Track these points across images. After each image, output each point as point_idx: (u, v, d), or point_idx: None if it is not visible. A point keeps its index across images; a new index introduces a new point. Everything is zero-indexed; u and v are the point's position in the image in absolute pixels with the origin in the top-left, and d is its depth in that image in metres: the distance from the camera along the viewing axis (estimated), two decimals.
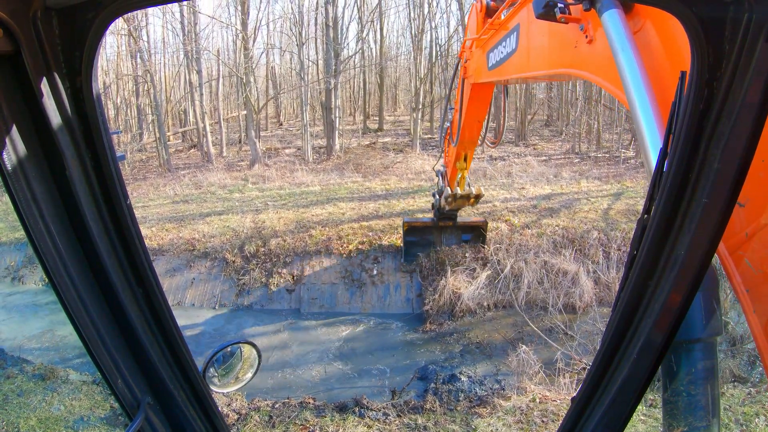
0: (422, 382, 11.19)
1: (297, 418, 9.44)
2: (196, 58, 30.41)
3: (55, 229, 1.85)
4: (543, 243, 15.98)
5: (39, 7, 1.61)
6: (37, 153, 1.77)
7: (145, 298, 2.19)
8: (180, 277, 16.55)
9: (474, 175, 23.37)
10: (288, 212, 19.42)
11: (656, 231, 1.98)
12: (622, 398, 2.28)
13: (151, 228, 18.84)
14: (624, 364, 2.24)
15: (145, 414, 2.22)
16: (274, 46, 41.94)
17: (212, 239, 17.60)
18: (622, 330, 2.22)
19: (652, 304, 2.07)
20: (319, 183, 23.63)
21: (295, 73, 40.01)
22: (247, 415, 9.62)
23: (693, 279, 1.95)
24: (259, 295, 15.74)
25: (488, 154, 27.44)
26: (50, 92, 1.72)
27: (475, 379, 10.96)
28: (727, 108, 1.70)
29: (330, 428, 9.14)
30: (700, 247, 1.88)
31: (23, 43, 1.58)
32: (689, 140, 1.80)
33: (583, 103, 29.97)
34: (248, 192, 23.08)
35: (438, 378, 11.04)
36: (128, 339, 2.18)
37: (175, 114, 39.97)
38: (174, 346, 2.34)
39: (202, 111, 30.64)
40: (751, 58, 1.59)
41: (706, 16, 1.65)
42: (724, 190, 1.76)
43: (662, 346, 2.11)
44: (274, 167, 26.91)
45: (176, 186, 24.76)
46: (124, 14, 1.86)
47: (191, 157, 32.60)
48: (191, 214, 20.27)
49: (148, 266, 2.15)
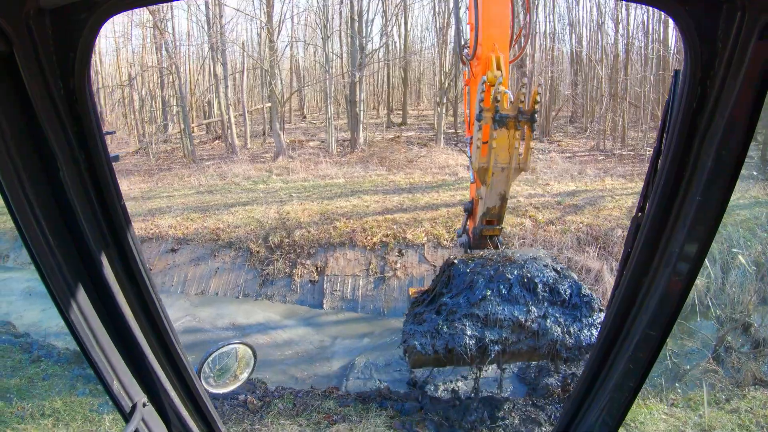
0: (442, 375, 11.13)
1: (320, 407, 9.49)
2: (221, 50, 30.53)
3: (49, 230, 1.84)
4: (567, 240, 15.85)
5: (32, 8, 1.60)
6: (31, 154, 1.76)
7: (139, 300, 2.20)
8: (204, 267, 16.70)
9: None
10: (312, 204, 19.49)
11: (650, 229, 2.02)
12: (618, 394, 2.33)
13: (176, 218, 19.05)
14: (620, 360, 2.28)
15: (141, 415, 2.24)
16: (298, 39, 42.03)
17: (237, 229, 17.73)
18: (618, 327, 2.27)
19: (647, 301, 2.11)
20: (344, 176, 23.68)
21: (319, 66, 40.07)
22: (271, 403, 9.71)
23: (687, 276, 1.97)
24: (282, 285, 15.79)
25: None
26: (43, 93, 1.71)
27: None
28: (721, 106, 1.71)
29: (353, 417, 9.17)
30: (693, 245, 1.91)
31: (16, 43, 1.57)
32: (683, 138, 1.83)
33: (609, 99, 29.62)
34: (272, 183, 23.22)
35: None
36: (123, 340, 2.18)
37: (199, 106, 40.25)
38: (169, 347, 2.36)
39: (226, 103, 30.77)
40: (744, 56, 1.60)
41: (699, 15, 1.67)
42: (718, 188, 1.78)
43: (657, 343, 2.13)
44: (298, 159, 27.02)
45: (201, 177, 24.99)
46: (117, 14, 1.84)
47: (215, 149, 32.85)
48: (216, 204, 20.44)
49: (143, 267, 2.16)
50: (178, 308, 14.93)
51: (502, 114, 8.11)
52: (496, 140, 8.30)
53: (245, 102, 32.73)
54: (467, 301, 8.70)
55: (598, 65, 31.62)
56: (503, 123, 8.20)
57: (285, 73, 42.19)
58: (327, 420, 9.16)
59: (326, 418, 9.21)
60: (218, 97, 34.18)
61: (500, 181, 8.79)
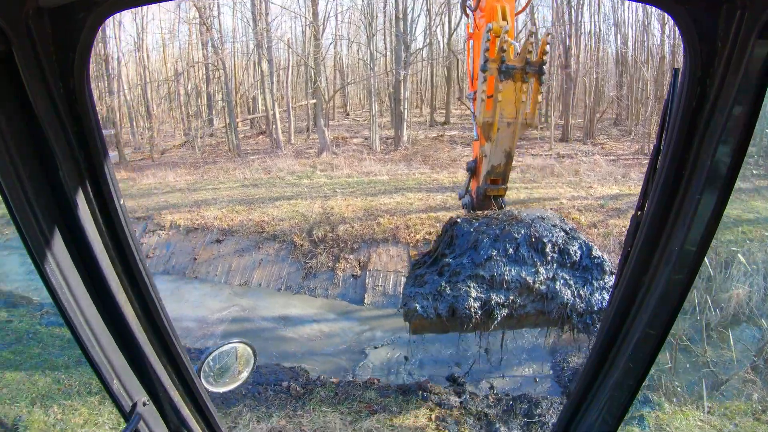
0: (480, 372, 11.09)
1: (361, 397, 9.55)
2: (267, 47, 30.89)
3: (49, 229, 1.84)
4: (609, 243, 15.59)
5: (31, 7, 1.59)
6: (30, 154, 1.75)
7: (139, 299, 2.20)
8: (248, 258, 16.96)
9: (541, 172, 23.03)
10: (356, 200, 19.62)
11: (650, 227, 2.03)
12: (618, 393, 2.33)
13: (222, 209, 19.39)
14: (619, 359, 2.28)
15: (141, 414, 2.24)
16: (342, 36, 42.32)
17: (281, 223, 17.95)
18: (618, 325, 2.26)
19: (647, 299, 2.11)
20: (387, 173, 23.74)
21: (363, 64, 40.26)
22: (313, 390, 9.83)
23: (687, 274, 1.97)
24: (324, 279, 15.91)
25: (555, 152, 26.96)
26: (43, 93, 1.71)
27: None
28: (720, 105, 1.71)
29: (393, 408, 9.20)
30: (693, 243, 1.91)
31: (15, 43, 1.57)
32: (682, 137, 1.84)
33: (654, 102, 29.00)
34: (316, 179, 23.45)
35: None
36: (123, 339, 2.18)
37: (243, 101, 40.83)
38: (169, 347, 2.36)
39: (272, 98, 31.13)
40: (743, 55, 1.60)
41: (698, 14, 1.68)
42: (717, 186, 1.79)
43: (657, 341, 2.14)
44: (342, 156, 27.24)
45: (246, 170, 25.37)
46: (116, 13, 1.85)
47: (259, 144, 33.33)
48: (261, 197, 20.74)
49: (143, 266, 2.16)
50: (223, 298, 15.25)
51: (508, 65, 7.65)
52: (501, 93, 7.82)
53: (289, 98, 33.05)
54: (471, 262, 8.15)
55: (644, 67, 31.03)
56: (509, 75, 7.74)
57: (329, 70, 42.55)
58: (368, 409, 9.25)
59: (367, 408, 9.30)
60: (263, 93, 34.63)
61: (506, 137, 8.30)
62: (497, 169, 8.74)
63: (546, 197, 19.21)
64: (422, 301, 7.99)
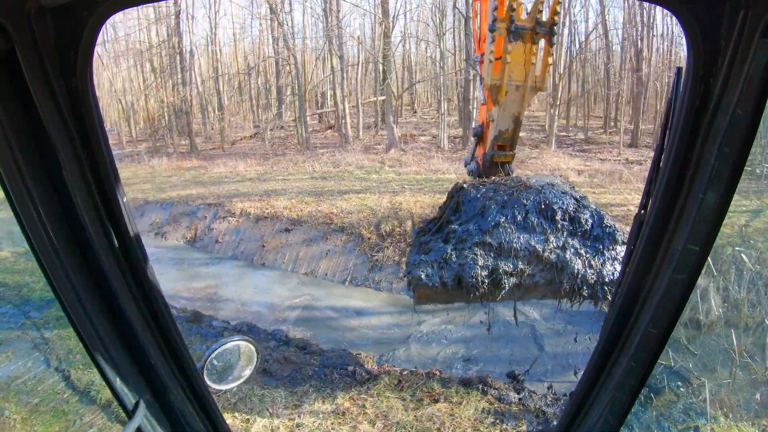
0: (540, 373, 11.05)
1: (424, 386, 9.62)
2: (339, 43, 31.28)
3: (52, 228, 1.84)
4: None
5: (33, 6, 1.60)
6: (33, 153, 1.75)
7: (142, 297, 2.20)
8: (315, 248, 17.25)
9: (609, 177, 22.53)
10: (424, 197, 19.66)
11: (653, 226, 2.02)
12: (620, 393, 2.30)
13: (291, 200, 19.81)
14: (622, 359, 2.26)
15: (144, 412, 2.25)
16: (411, 34, 42.41)
17: (349, 215, 18.17)
18: (620, 325, 2.25)
19: (650, 299, 2.09)
20: (455, 171, 23.57)
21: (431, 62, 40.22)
22: (378, 377, 9.95)
23: (690, 274, 1.96)
24: (390, 272, 15.98)
25: (624, 157, 26.31)
26: (45, 92, 1.71)
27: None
28: (723, 104, 1.70)
29: (454, 399, 9.23)
30: (696, 242, 1.90)
31: (17, 42, 1.57)
32: (685, 136, 1.83)
33: None
34: (385, 174, 23.67)
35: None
36: (126, 338, 2.19)
37: (312, 96, 41.44)
38: (172, 344, 2.36)
39: (342, 94, 31.52)
40: (747, 54, 1.59)
41: (701, 13, 1.67)
42: (721, 186, 1.78)
43: (660, 341, 2.11)
44: (410, 153, 27.40)
45: (315, 163, 25.82)
46: (118, 12, 1.86)
47: (328, 138, 33.85)
48: (329, 190, 21.09)
49: (146, 264, 2.16)
50: (291, 287, 15.59)
51: (517, 25, 7.34)
52: (510, 54, 7.49)
53: (359, 94, 33.37)
54: (478, 229, 7.77)
55: None
56: (519, 35, 7.43)
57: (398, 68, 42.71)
58: (429, 398, 9.29)
59: (429, 396, 9.34)
60: (333, 88, 35.09)
61: (514, 100, 8.02)
62: (505, 134, 8.53)
63: (613, 203, 18.76)
64: (427, 268, 7.70)
